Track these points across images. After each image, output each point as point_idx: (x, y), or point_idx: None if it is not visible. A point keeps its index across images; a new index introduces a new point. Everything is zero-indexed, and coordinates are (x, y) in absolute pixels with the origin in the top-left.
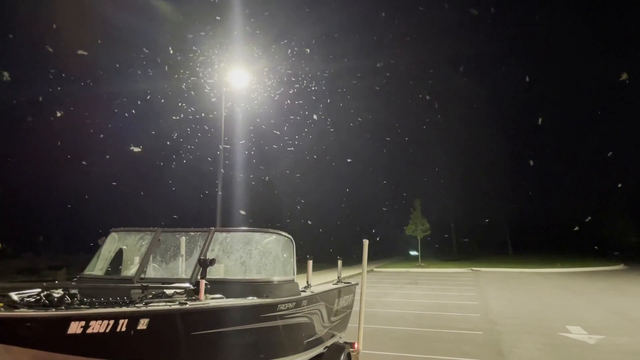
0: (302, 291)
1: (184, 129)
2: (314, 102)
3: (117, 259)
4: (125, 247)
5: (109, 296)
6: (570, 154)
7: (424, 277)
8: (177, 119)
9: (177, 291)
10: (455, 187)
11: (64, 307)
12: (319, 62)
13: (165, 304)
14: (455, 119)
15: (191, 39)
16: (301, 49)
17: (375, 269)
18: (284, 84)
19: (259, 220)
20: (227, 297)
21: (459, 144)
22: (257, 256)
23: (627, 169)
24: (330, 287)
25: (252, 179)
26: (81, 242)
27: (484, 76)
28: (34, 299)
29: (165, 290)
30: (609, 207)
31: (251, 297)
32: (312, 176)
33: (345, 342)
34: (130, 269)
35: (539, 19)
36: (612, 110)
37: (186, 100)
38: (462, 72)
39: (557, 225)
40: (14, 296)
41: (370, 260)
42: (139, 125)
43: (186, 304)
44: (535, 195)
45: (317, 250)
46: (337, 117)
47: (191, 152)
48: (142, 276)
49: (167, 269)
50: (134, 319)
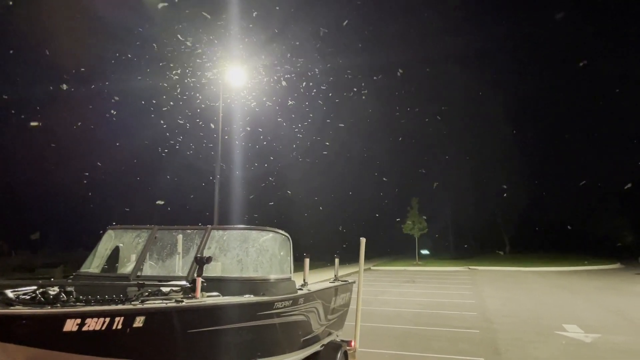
0: (299, 289)
1: (182, 126)
2: (312, 101)
3: (114, 257)
4: (121, 245)
5: (105, 294)
6: (566, 153)
7: (421, 276)
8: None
9: (174, 289)
10: (452, 186)
11: (59, 305)
12: (317, 60)
13: (161, 301)
14: (453, 118)
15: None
16: (300, 46)
17: (372, 267)
18: (282, 83)
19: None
20: (223, 295)
21: (457, 143)
22: (254, 254)
23: (623, 168)
24: (327, 285)
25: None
26: (78, 239)
27: (484, 75)
28: (30, 297)
29: (161, 288)
30: (605, 207)
31: (248, 295)
32: (309, 175)
33: (342, 340)
34: (126, 267)
35: (547, 19)
36: (608, 110)
37: (185, 97)
38: (462, 71)
39: (554, 224)
40: (10, 294)
41: (367, 258)
42: (137, 123)
43: (182, 301)
44: (532, 194)
45: (314, 248)
46: (335, 116)
47: (190, 150)
48: (139, 274)
49: (164, 266)
50: (130, 316)
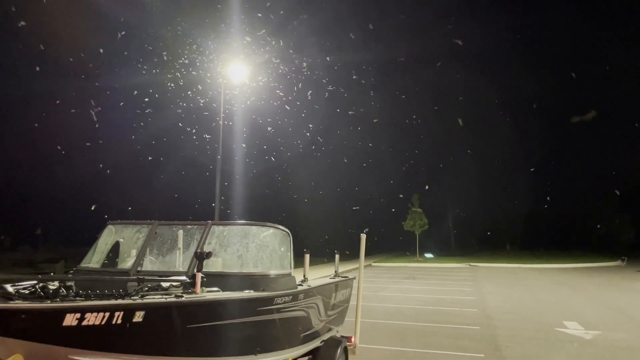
0: (299, 285)
1: (184, 121)
2: (315, 98)
3: (114, 252)
4: (122, 240)
5: (105, 289)
6: (568, 152)
7: (421, 272)
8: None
9: (174, 284)
10: (454, 183)
11: (59, 299)
12: (320, 56)
13: (161, 296)
14: (456, 116)
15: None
16: (304, 41)
17: (373, 264)
18: (283, 78)
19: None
20: (224, 291)
21: (459, 141)
22: (254, 250)
23: (624, 167)
24: (327, 281)
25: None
26: (79, 235)
27: (489, 72)
28: (29, 291)
29: (161, 283)
30: (607, 204)
31: (248, 291)
32: (311, 171)
33: (342, 336)
34: (127, 262)
35: (557, 20)
36: (610, 109)
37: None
38: (466, 68)
39: (555, 221)
40: (9, 288)
41: (368, 255)
42: (137, 119)
43: (182, 296)
44: (533, 192)
45: (314, 245)
46: (338, 112)
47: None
48: (139, 269)
49: (164, 262)
50: (129, 311)
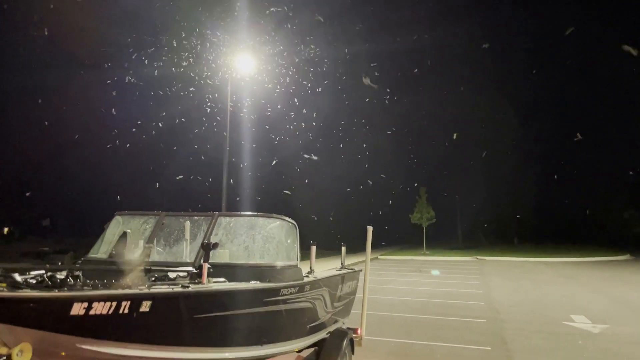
0: (305, 276)
1: (191, 114)
2: (322, 87)
3: (121, 243)
4: (129, 231)
5: (113, 279)
6: (577, 144)
7: (428, 265)
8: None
9: (180, 274)
10: (462, 176)
11: (67, 288)
12: (328, 45)
13: (168, 286)
14: (463, 107)
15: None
16: (314, 30)
17: (379, 257)
18: (290, 68)
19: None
20: (230, 281)
21: (466, 133)
22: (261, 241)
23: (634, 161)
24: (333, 272)
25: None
26: (87, 226)
27: (497, 63)
28: (37, 280)
29: (168, 273)
30: (615, 198)
31: (254, 282)
32: (318, 164)
33: (348, 328)
34: (134, 253)
35: (565, 12)
36: (621, 103)
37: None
38: (473, 58)
39: (563, 215)
40: (17, 277)
41: (374, 248)
42: (146, 110)
43: (189, 287)
44: (541, 185)
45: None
46: (345, 105)
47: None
48: (146, 259)
49: (171, 252)
50: (136, 300)
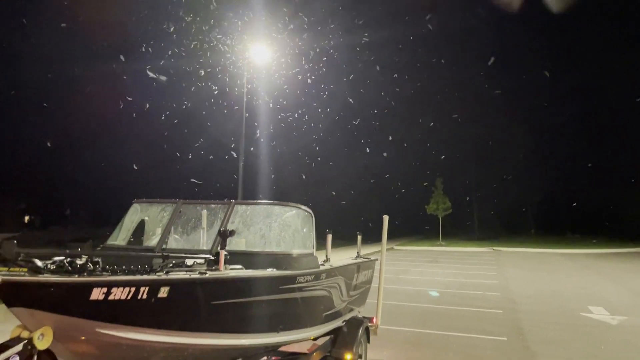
0: (321, 265)
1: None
2: (339, 78)
3: (139, 230)
4: (147, 218)
5: (131, 265)
6: (595, 132)
7: (444, 256)
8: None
9: (198, 261)
10: (478, 166)
11: (86, 274)
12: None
13: (185, 273)
14: (480, 96)
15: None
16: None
17: (395, 247)
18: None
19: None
20: (246, 269)
21: (484, 121)
22: (277, 229)
23: None
24: (349, 261)
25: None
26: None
27: (512, 54)
28: (58, 265)
29: (185, 260)
30: (635, 187)
31: (270, 269)
32: (334, 153)
33: (364, 317)
34: (152, 240)
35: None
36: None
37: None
38: (489, 48)
39: (582, 206)
40: (38, 262)
41: (390, 238)
42: (164, 99)
43: (206, 273)
44: (560, 176)
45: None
46: (361, 93)
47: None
48: (164, 247)
49: (188, 240)
50: (155, 286)
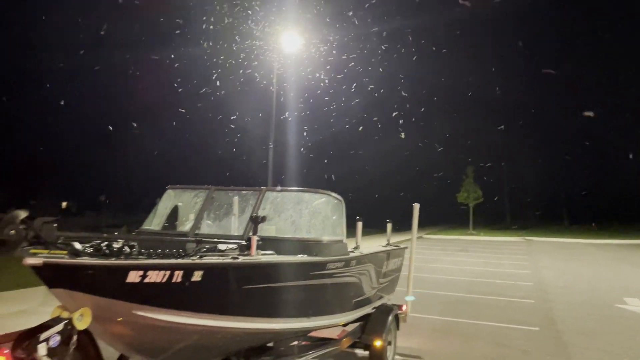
0: (350, 252)
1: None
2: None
3: (173, 215)
4: (180, 204)
5: (166, 249)
6: (632, 121)
7: (474, 245)
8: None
9: (230, 246)
10: (511, 155)
11: (123, 257)
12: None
13: (218, 257)
14: (513, 82)
15: None
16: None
17: (424, 236)
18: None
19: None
20: (277, 255)
21: (517, 109)
22: (307, 216)
23: None
24: (379, 249)
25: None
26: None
27: (550, 37)
28: (95, 249)
29: (218, 245)
30: None
31: (301, 255)
32: (364, 141)
33: (393, 304)
34: (185, 225)
35: None
36: None
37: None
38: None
39: (617, 196)
40: (77, 245)
41: (420, 226)
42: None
43: (238, 258)
44: (595, 165)
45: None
46: (390, 79)
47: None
48: (197, 232)
49: (220, 226)
50: (189, 270)
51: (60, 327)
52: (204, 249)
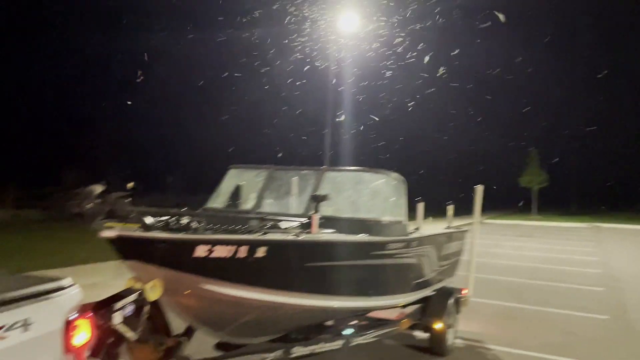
0: (410, 233)
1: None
2: (426, 44)
3: (236, 194)
4: (243, 183)
5: (230, 225)
6: None
7: (538, 231)
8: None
9: (292, 224)
10: (577, 135)
11: (191, 232)
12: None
13: (281, 234)
14: (581, 59)
15: None
16: None
17: (485, 220)
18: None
19: (370, 162)
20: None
21: (587, 86)
22: (367, 196)
23: None
24: (440, 231)
25: (363, 122)
26: (199, 183)
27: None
28: (165, 224)
29: (279, 223)
30: None
31: (361, 235)
32: (425, 123)
33: (454, 288)
34: (247, 203)
35: None
36: None
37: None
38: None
39: None
40: (149, 219)
41: (481, 211)
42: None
43: (301, 236)
44: None
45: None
46: (449, 59)
47: (305, 96)
48: (259, 210)
49: (281, 204)
50: (253, 246)
51: (133, 297)
52: (267, 226)
